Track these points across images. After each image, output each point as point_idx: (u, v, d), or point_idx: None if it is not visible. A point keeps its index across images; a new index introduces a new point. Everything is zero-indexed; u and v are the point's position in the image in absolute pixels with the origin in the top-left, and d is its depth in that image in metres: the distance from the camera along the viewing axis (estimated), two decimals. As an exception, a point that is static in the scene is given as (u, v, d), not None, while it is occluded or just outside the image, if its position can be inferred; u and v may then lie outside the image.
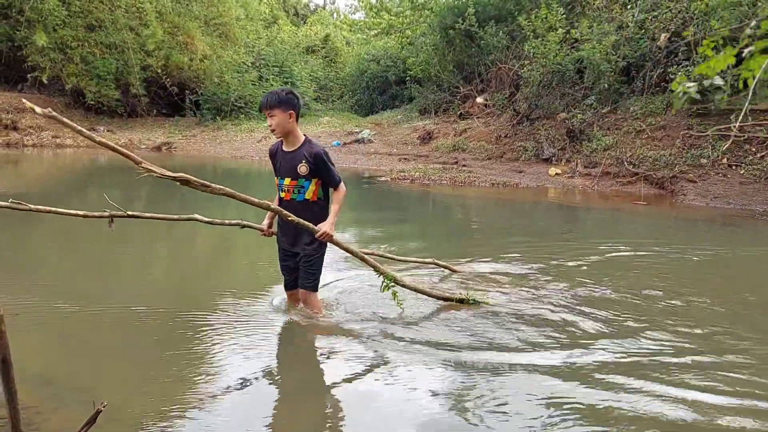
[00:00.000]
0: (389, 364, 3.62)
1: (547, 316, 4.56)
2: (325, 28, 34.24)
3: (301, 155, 3.89)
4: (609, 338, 4.15)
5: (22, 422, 1.64)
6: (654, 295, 5.24)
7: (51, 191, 11.04)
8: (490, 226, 9.30)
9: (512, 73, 17.30)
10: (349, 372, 3.51)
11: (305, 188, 3.93)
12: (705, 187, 11.64)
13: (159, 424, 2.82)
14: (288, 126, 3.86)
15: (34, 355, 3.57)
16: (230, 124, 22.69)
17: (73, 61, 21.05)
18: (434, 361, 3.66)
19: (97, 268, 5.83)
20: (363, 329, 4.12)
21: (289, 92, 3.88)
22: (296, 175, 3.91)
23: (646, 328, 4.35)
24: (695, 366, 3.69)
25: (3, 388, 1.59)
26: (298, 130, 3.95)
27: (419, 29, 21.65)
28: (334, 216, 3.92)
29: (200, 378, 3.35)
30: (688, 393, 3.29)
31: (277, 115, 3.81)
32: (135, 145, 20.07)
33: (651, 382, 3.41)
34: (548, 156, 14.60)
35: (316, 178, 3.93)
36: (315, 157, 3.87)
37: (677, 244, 7.66)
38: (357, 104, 25.72)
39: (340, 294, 4.91)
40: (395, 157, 17.09)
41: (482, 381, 3.40)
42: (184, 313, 4.35)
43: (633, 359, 3.78)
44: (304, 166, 3.87)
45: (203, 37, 24.13)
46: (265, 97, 3.87)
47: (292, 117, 3.86)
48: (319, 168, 3.89)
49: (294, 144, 3.94)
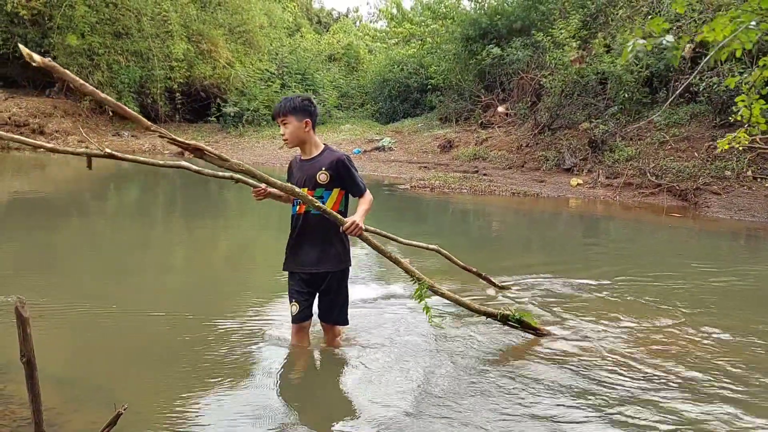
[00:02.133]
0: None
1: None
2: (348, 36, 34.41)
3: (321, 162, 3.56)
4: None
5: (45, 422, 1.67)
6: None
7: (76, 194, 11.20)
8: (514, 239, 9.26)
9: (534, 83, 17.25)
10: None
11: (324, 199, 3.53)
12: (729, 199, 11.49)
13: (177, 428, 2.85)
14: (303, 135, 3.58)
15: (56, 356, 3.62)
16: (252, 130, 22.89)
17: (99, 68, 21.41)
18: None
19: (119, 270, 5.90)
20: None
21: (304, 99, 3.60)
22: (315, 184, 3.54)
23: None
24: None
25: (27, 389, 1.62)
26: (316, 138, 3.65)
27: (441, 39, 21.68)
28: (362, 211, 3.49)
29: (219, 382, 3.37)
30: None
31: (291, 123, 3.54)
32: (159, 150, 20.34)
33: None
34: (570, 166, 14.52)
35: (338, 188, 3.57)
36: (337, 163, 3.52)
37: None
38: (378, 112, 25.80)
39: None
40: (415, 165, 17.10)
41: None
42: (204, 317, 4.39)
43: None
44: (325, 173, 3.52)
45: (227, 44, 24.41)
46: (278, 104, 3.60)
47: (308, 126, 3.57)
48: (341, 175, 3.54)
49: (312, 152, 3.63)
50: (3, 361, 3.41)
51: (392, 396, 3.28)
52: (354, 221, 3.38)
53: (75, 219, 8.56)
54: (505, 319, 3.92)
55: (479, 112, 19.37)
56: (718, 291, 5.86)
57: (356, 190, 3.60)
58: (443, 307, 4.59)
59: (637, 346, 4.12)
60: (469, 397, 3.23)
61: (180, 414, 2.99)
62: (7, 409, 2.92)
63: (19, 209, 9.27)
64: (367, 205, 3.55)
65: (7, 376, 3.25)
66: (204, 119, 24.41)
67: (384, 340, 4.07)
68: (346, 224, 3.39)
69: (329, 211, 3.39)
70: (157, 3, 22.44)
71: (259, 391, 3.29)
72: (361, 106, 27.47)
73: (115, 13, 21.65)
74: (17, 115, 19.92)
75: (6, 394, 3.07)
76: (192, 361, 3.65)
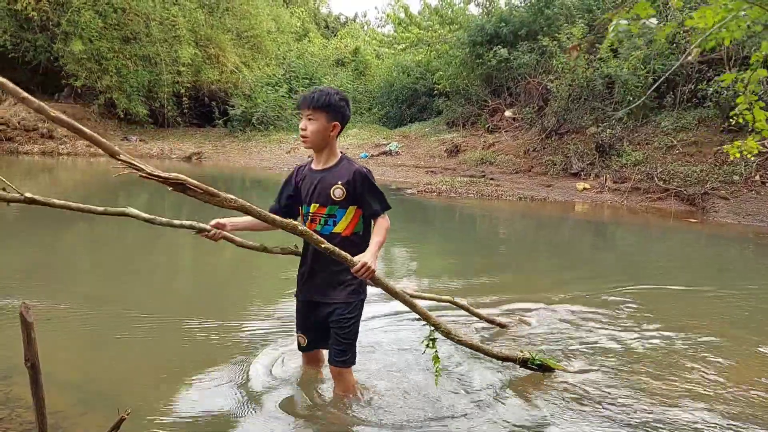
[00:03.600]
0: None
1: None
2: (355, 41, 34.49)
3: (337, 174, 3.01)
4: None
5: (49, 426, 1.68)
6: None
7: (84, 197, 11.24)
8: (521, 244, 9.24)
9: (541, 87, 17.24)
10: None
11: (337, 218, 3.01)
12: (737, 204, 11.43)
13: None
14: (326, 138, 3.02)
15: (62, 360, 3.63)
16: (260, 135, 22.96)
17: (108, 73, 21.54)
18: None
19: (126, 274, 5.93)
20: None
21: (342, 98, 3.02)
22: (328, 200, 3.00)
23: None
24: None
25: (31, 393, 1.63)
26: (336, 146, 3.11)
27: (447, 45, 21.68)
28: (375, 247, 2.92)
29: (225, 387, 3.37)
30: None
31: (318, 120, 2.97)
32: (166, 155, 20.41)
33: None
34: (577, 170, 14.49)
35: (355, 206, 3.03)
36: (356, 176, 2.98)
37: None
38: (385, 116, 25.83)
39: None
40: (422, 169, 17.10)
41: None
42: (211, 321, 4.40)
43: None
44: (341, 188, 2.97)
45: (234, 49, 24.51)
46: (311, 92, 3.03)
47: (336, 129, 3.02)
48: (359, 191, 2.99)
49: (328, 162, 3.07)
50: (8, 364, 3.43)
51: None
52: (364, 263, 2.81)
53: (82, 222, 8.59)
54: (524, 363, 3.60)
55: (486, 116, 19.36)
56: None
57: (372, 209, 3.02)
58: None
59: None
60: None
61: (184, 419, 3.00)
62: (13, 413, 2.93)
63: (28, 212, 9.32)
64: (382, 235, 2.98)
65: (12, 380, 3.27)
66: (211, 123, 24.50)
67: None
68: (355, 267, 2.83)
69: (336, 252, 2.82)
70: (165, 8, 22.59)
71: (265, 398, 3.29)
72: (369, 110, 27.51)
73: (123, 18, 21.79)
74: (26, 120, 20.05)
75: (12, 398, 3.08)
76: (198, 366, 3.65)
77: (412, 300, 3.21)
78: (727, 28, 3.15)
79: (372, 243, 2.95)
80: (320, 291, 3.11)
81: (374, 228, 3.03)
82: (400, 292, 3.15)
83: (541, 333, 4.52)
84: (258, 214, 2.66)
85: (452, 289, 5.60)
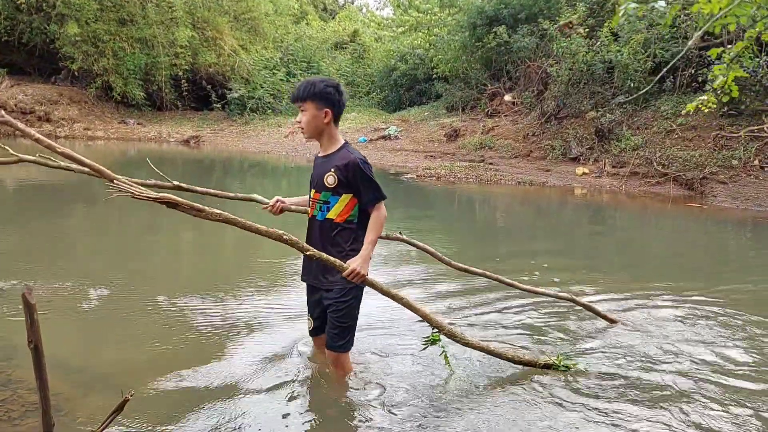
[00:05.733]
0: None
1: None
2: (354, 23, 34.28)
3: (331, 162, 3.07)
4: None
5: (53, 408, 1.69)
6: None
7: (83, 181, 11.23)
8: (519, 228, 9.25)
9: (541, 72, 17.16)
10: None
11: (330, 204, 3.06)
12: (736, 188, 11.44)
13: (185, 414, 2.87)
14: (320, 126, 3.06)
15: (65, 342, 3.65)
16: (258, 118, 22.89)
17: (105, 55, 21.40)
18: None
19: (129, 256, 5.93)
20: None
21: (328, 85, 3.05)
22: (322, 186, 3.08)
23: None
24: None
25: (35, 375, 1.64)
26: (336, 132, 3.14)
27: (446, 29, 21.54)
28: (369, 248, 2.99)
29: (228, 370, 3.39)
30: None
31: (309, 111, 3.04)
32: (164, 138, 20.35)
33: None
34: (576, 155, 14.47)
35: (349, 194, 3.05)
36: (348, 167, 3.00)
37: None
38: (384, 100, 25.74)
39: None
40: (421, 154, 17.07)
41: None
42: (214, 304, 4.41)
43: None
44: (333, 175, 3.02)
45: (232, 32, 24.34)
46: (297, 86, 3.10)
47: (328, 116, 3.05)
48: (351, 181, 3.02)
49: (328, 149, 3.13)
50: (11, 346, 3.44)
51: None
52: (353, 270, 2.91)
53: (82, 206, 8.58)
54: (548, 368, 3.42)
55: (486, 101, 19.29)
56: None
57: (366, 199, 3.05)
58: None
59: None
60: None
61: (188, 401, 3.01)
62: (15, 394, 2.94)
63: (27, 196, 9.31)
64: (376, 230, 3.03)
65: (15, 362, 3.28)
66: (209, 107, 24.41)
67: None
68: (344, 272, 2.92)
69: (324, 257, 2.89)
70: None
71: (265, 381, 3.30)
72: (367, 94, 27.41)
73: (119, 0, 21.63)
74: (23, 102, 19.97)
75: (14, 380, 3.10)
76: (201, 349, 3.67)
77: (410, 302, 3.17)
78: (734, 14, 3.13)
79: (365, 243, 3.00)
80: (315, 275, 3.14)
81: (370, 221, 3.05)
82: (396, 294, 3.12)
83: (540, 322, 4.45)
84: (242, 224, 2.73)
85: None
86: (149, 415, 2.84)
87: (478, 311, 4.59)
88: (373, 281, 3.01)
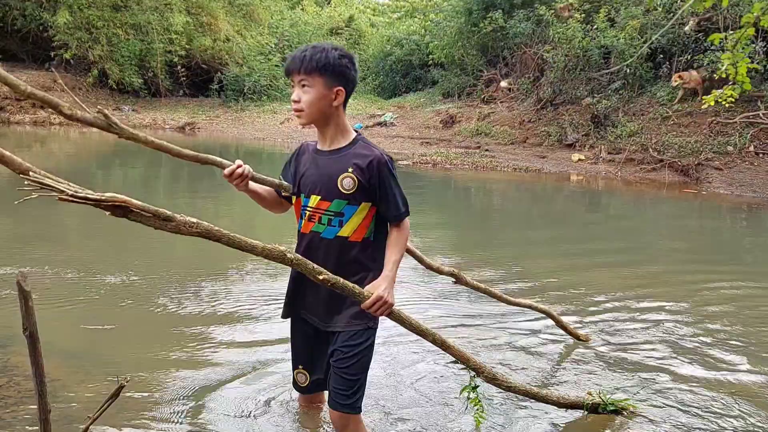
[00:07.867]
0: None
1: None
2: (349, 9, 34.06)
3: (348, 159, 2.27)
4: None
5: (49, 394, 1.70)
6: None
7: (79, 167, 11.20)
8: (515, 214, 9.26)
9: (537, 58, 17.11)
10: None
11: (345, 217, 2.26)
12: (731, 175, 11.47)
13: (181, 400, 2.89)
14: (327, 110, 2.25)
15: (61, 329, 3.65)
16: (253, 105, 22.79)
17: (99, 42, 21.23)
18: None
19: (125, 243, 5.92)
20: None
21: (343, 54, 2.23)
22: (333, 191, 2.25)
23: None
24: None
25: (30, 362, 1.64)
26: (345, 120, 2.33)
27: (442, 14, 21.43)
28: (394, 269, 2.24)
29: (226, 357, 3.40)
30: None
31: (315, 87, 2.20)
32: (159, 125, 20.23)
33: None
34: (572, 141, 14.47)
35: (368, 202, 2.27)
36: (372, 166, 2.24)
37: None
38: (380, 87, 25.64)
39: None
40: (417, 140, 17.05)
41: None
42: (212, 291, 4.42)
43: None
44: (351, 177, 2.23)
45: (227, 17, 24.16)
46: (300, 51, 2.23)
47: (340, 97, 2.24)
48: (375, 184, 2.25)
49: (336, 142, 2.32)
50: (7, 333, 3.45)
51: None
52: (379, 298, 2.16)
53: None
54: (594, 409, 2.90)
55: (482, 87, 19.24)
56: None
57: (391, 212, 2.29)
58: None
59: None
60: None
61: (184, 388, 3.03)
62: (11, 381, 2.96)
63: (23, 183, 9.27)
64: (400, 251, 2.29)
65: (11, 349, 3.29)
66: (205, 93, 24.28)
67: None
68: (366, 303, 2.17)
69: (340, 283, 2.15)
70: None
71: (264, 369, 3.32)
72: (363, 80, 27.29)
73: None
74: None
75: (10, 366, 3.11)
76: (199, 336, 3.68)
77: (444, 340, 2.55)
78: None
79: (388, 263, 2.25)
80: (321, 312, 2.36)
81: (390, 238, 2.31)
82: (428, 330, 2.47)
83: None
84: (229, 240, 2.11)
85: (453, 264, 5.62)
86: (147, 401, 2.85)
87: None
88: (401, 313, 2.33)
